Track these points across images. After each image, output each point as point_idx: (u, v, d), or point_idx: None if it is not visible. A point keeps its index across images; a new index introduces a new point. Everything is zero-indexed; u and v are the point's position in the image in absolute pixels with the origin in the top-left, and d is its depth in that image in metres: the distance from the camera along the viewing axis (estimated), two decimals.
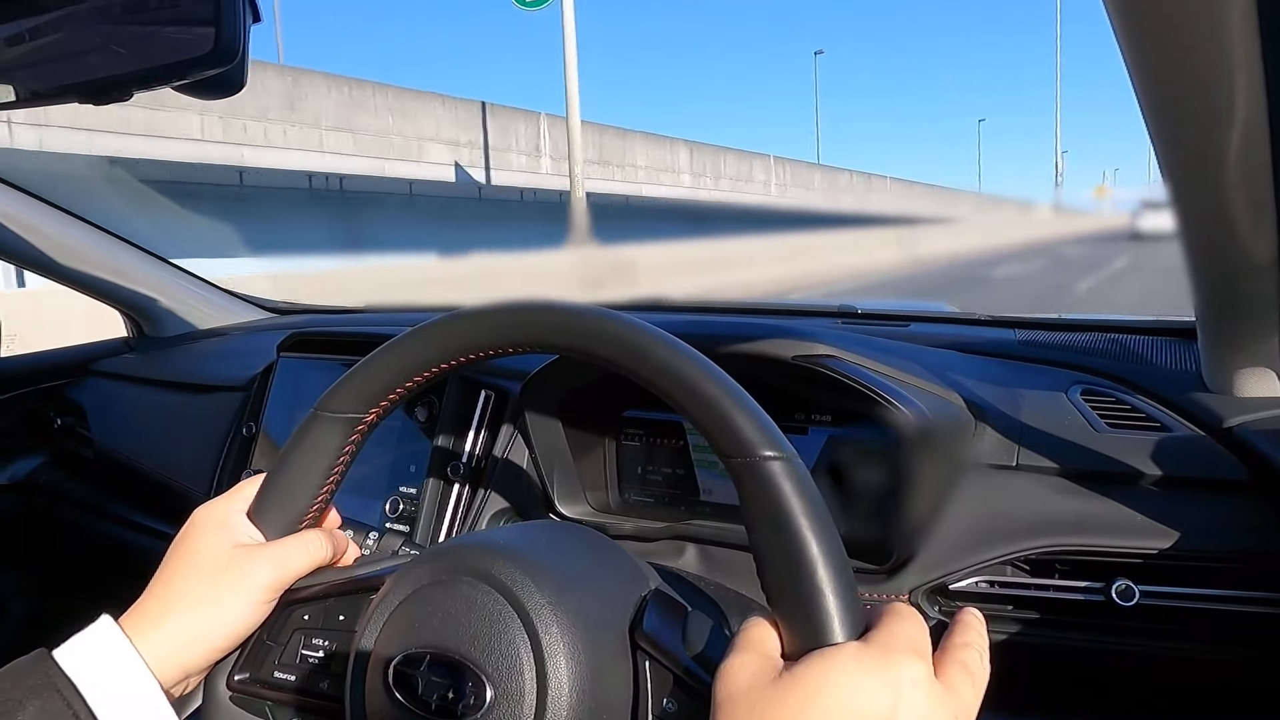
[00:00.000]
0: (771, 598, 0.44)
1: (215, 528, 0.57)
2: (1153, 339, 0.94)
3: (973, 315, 1.14)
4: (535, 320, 0.51)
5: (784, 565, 0.43)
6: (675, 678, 0.47)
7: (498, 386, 0.96)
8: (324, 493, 0.58)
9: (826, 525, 0.44)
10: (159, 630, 0.52)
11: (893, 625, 0.42)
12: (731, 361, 0.50)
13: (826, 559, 0.42)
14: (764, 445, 0.44)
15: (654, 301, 1.42)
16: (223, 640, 0.55)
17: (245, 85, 0.55)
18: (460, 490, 0.94)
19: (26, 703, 0.47)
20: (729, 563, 0.81)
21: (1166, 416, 0.79)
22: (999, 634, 0.73)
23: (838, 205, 22.47)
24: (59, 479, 1.50)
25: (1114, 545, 0.70)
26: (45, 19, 0.56)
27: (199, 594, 0.54)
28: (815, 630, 0.42)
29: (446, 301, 1.05)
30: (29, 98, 0.59)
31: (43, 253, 1.40)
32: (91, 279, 1.48)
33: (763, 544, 0.44)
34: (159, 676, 0.51)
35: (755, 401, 0.46)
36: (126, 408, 1.44)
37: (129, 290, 1.53)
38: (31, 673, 0.48)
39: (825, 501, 0.44)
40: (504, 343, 0.52)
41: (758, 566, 0.44)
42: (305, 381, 1.14)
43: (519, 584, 0.48)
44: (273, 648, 0.57)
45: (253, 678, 0.57)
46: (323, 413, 0.57)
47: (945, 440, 0.75)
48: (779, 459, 0.44)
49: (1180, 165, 0.61)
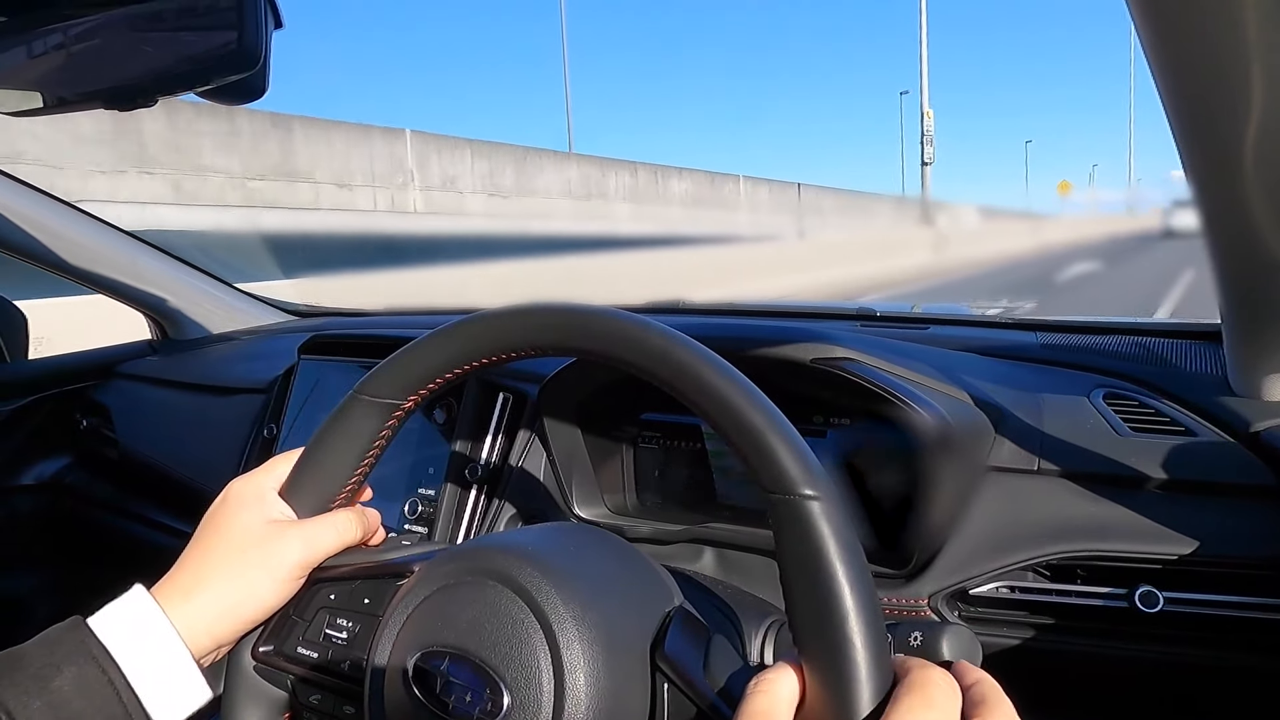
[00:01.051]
0: (799, 641, 0.43)
1: (249, 503, 0.58)
2: (1177, 342, 0.92)
3: (993, 318, 1.13)
4: (580, 324, 0.51)
5: (814, 610, 0.42)
6: (693, 705, 0.47)
7: (516, 389, 0.96)
8: (357, 475, 0.59)
9: (861, 573, 0.42)
10: (190, 602, 0.53)
11: (915, 702, 0.39)
12: (750, 364, 0.49)
13: (858, 610, 0.41)
14: (804, 484, 0.43)
15: (672, 303, 1.42)
16: (253, 613, 0.56)
17: (267, 90, 0.55)
18: (478, 492, 0.94)
19: (63, 668, 0.47)
20: (746, 566, 0.81)
21: (1191, 420, 0.78)
22: (1018, 639, 0.73)
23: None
24: (84, 479, 1.52)
25: (1137, 551, 0.69)
26: (71, 28, 0.57)
27: (230, 568, 0.55)
28: (840, 684, 0.41)
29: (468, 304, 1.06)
30: (55, 104, 0.60)
31: (70, 258, 1.42)
32: (116, 283, 1.50)
33: (794, 585, 0.43)
34: (190, 646, 0.52)
35: (799, 435, 0.45)
36: (150, 409, 1.46)
37: (153, 294, 1.55)
38: (67, 639, 0.49)
39: (858, 540, 0.44)
40: (544, 344, 0.52)
41: (787, 605, 0.43)
42: (326, 383, 1.15)
43: (544, 594, 0.48)
44: (298, 623, 0.58)
45: (277, 650, 0.58)
46: (362, 396, 0.57)
47: (965, 444, 0.74)
48: (817, 499, 0.43)
49: (1200, 161, 0.60)
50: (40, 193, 1.38)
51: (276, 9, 0.54)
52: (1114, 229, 25.95)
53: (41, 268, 1.41)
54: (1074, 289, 12.00)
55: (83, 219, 1.43)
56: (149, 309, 1.58)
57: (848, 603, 0.41)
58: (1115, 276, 13.81)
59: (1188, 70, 0.53)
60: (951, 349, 0.94)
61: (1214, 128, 0.57)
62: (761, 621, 0.65)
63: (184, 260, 1.59)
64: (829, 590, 0.42)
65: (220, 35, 0.53)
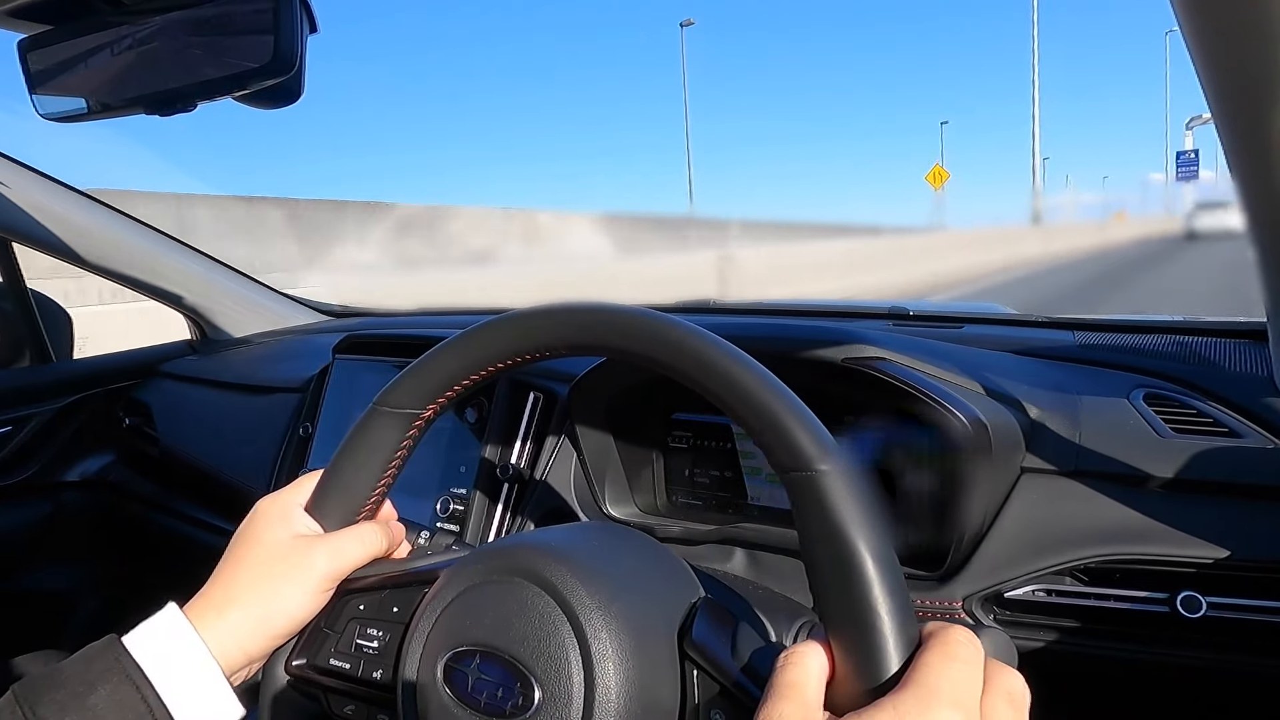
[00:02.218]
0: (823, 611, 0.43)
1: (276, 519, 0.59)
2: (1220, 341, 0.90)
3: (1028, 317, 1.11)
4: (588, 322, 0.52)
5: (836, 579, 0.42)
6: (723, 689, 0.47)
7: (546, 389, 0.97)
8: (381, 486, 0.60)
9: (882, 541, 0.43)
10: (222, 619, 0.54)
11: (938, 669, 0.40)
12: (781, 364, 0.49)
13: (880, 575, 0.42)
14: (818, 458, 0.44)
15: (701, 303, 1.42)
16: (283, 627, 0.56)
17: (303, 94, 0.56)
18: (509, 491, 0.95)
19: (98, 685, 0.49)
20: (777, 568, 0.80)
21: (1236, 421, 0.76)
22: (1055, 644, 0.71)
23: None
24: (127, 476, 1.55)
25: (1179, 554, 0.68)
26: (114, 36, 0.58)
27: (260, 583, 0.56)
28: (867, 648, 0.41)
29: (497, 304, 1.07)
30: (100, 109, 0.62)
31: (112, 262, 1.46)
32: (157, 286, 1.54)
33: (815, 556, 0.43)
34: (222, 662, 0.53)
35: (810, 410, 0.45)
36: (190, 408, 1.49)
37: (193, 295, 1.59)
38: (102, 657, 0.50)
39: (877, 508, 0.44)
40: (558, 344, 0.53)
41: (810, 579, 0.44)
42: (360, 383, 1.16)
43: (569, 587, 0.48)
44: (329, 635, 0.59)
45: (309, 663, 0.59)
46: (382, 408, 0.58)
47: (1000, 445, 0.73)
48: (831, 472, 0.43)
49: (1242, 154, 0.59)
50: (84, 195, 1.41)
51: (311, 14, 0.54)
52: (1134, 234, 25.95)
53: (85, 269, 1.45)
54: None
55: (124, 221, 1.47)
56: (189, 309, 1.62)
57: (870, 570, 0.42)
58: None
59: (1223, 58, 0.52)
60: (987, 348, 0.93)
61: (1260, 124, 0.55)
62: (793, 623, 0.65)
63: (221, 261, 1.62)
64: (849, 558, 0.42)
65: (257, 41, 0.54)
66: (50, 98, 0.63)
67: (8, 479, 1.44)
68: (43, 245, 1.39)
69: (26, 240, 1.38)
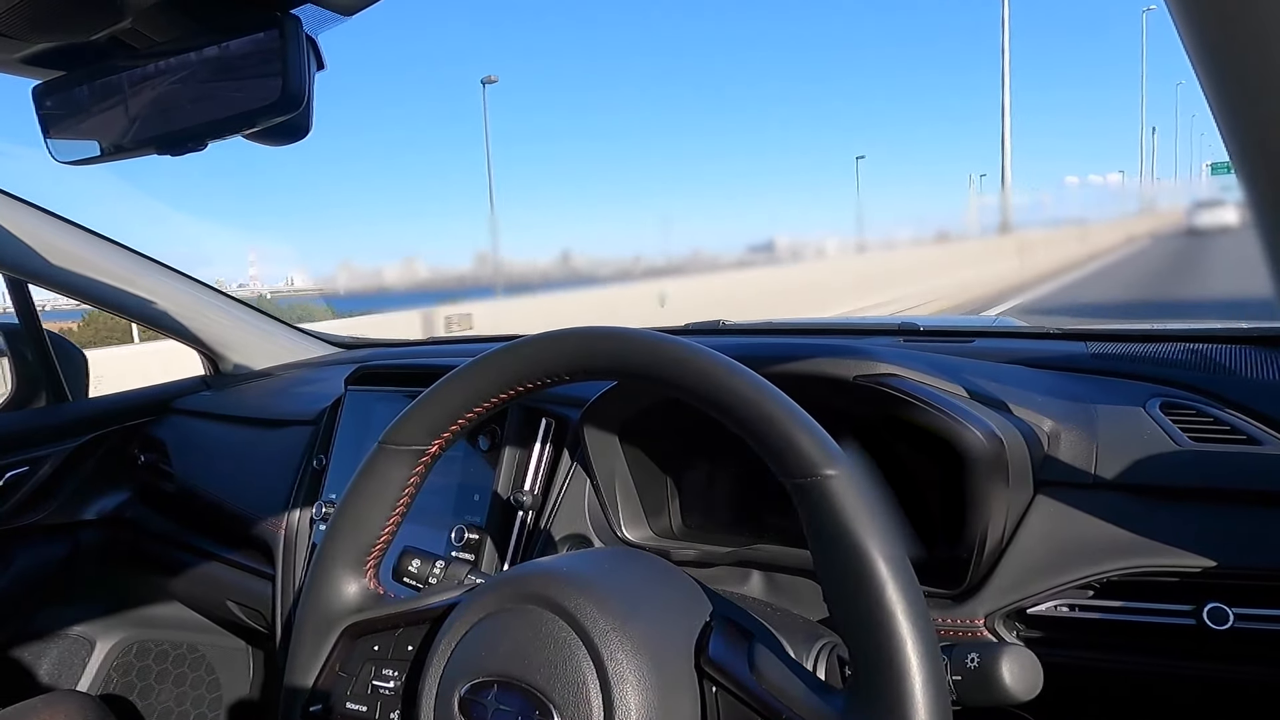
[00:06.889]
0: (837, 618, 0.43)
1: None
2: (1236, 347, 0.89)
3: (1040, 329, 1.10)
4: (588, 348, 0.52)
5: (849, 583, 0.42)
6: (744, 704, 0.47)
7: (558, 414, 0.97)
8: (391, 522, 0.60)
9: (892, 542, 0.43)
10: None
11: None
12: (793, 383, 0.49)
13: (893, 576, 0.42)
14: (822, 464, 0.44)
15: (712, 324, 1.42)
16: None
17: (310, 130, 0.57)
18: (524, 518, 0.95)
19: None
20: (794, 589, 0.79)
21: (1255, 429, 0.75)
22: (1081, 660, 0.70)
23: None
24: (143, 513, 1.56)
25: (1204, 565, 0.67)
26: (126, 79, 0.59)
27: None
28: (883, 652, 0.41)
29: (509, 331, 1.07)
30: (112, 151, 0.62)
31: (125, 299, 1.47)
32: (171, 321, 1.55)
33: (825, 561, 0.44)
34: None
35: (812, 420, 0.46)
36: (204, 443, 1.50)
37: (205, 331, 1.60)
38: None
39: (885, 512, 0.44)
40: (559, 371, 0.53)
41: (822, 586, 0.44)
42: (372, 414, 1.16)
43: (583, 611, 0.48)
44: (344, 678, 0.58)
45: (326, 709, 0.58)
46: (388, 445, 0.58)
47: (1016, 459, 0.72)
48: (836, 476, 0.44)
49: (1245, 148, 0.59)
50: (95, 235, 1.43)
51: (319, 51, 0.55)
52: (1129, 231, 26.23)
53: (97, 307, 1.46)
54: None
55: (135, 258, 1.48)
56: (202, 345, 1.63)
57: (882, 571, 0.42)
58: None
59: (1221, 50, 0.52)
60: (998, 361, 0.92)
61: (1251, 111, 0.55)
62: (812, 644, 0.64)
63: (233, 297, 1.64)
64: (860, 560, 0.42)
65: (266, 80, 0.55)
66: (64, 142, 0.64)
67: (27, 519, 1.44)
68: (56, 285, 1.41)
69: (40, 281, 1.40)
